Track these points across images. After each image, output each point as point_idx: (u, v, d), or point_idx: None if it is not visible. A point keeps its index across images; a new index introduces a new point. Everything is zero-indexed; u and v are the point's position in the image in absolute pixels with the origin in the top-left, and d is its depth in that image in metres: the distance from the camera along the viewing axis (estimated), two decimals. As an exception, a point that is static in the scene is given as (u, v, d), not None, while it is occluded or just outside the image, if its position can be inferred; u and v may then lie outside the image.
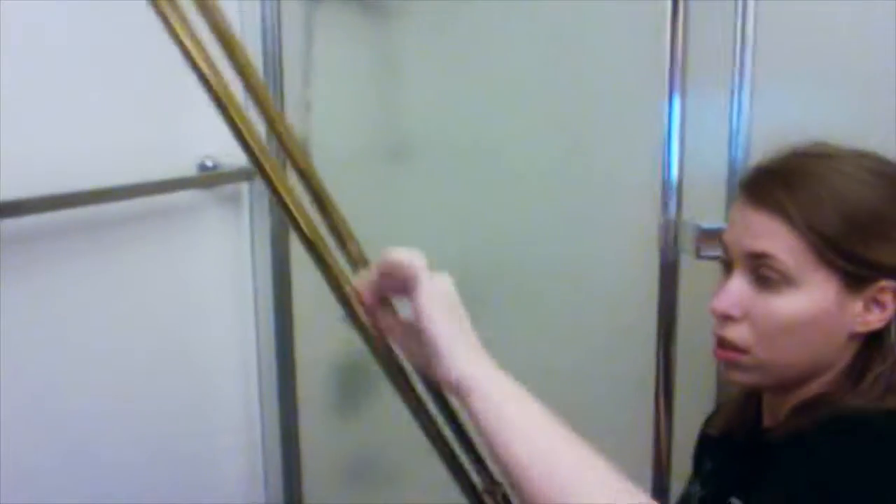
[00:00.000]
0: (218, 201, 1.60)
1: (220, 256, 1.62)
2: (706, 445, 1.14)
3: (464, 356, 0.76)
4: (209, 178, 1.55)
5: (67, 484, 1.30)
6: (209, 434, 1.62)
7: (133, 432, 1.41)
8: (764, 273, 0.91)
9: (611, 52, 1.43)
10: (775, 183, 0.92)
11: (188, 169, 1.51)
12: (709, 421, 1.15)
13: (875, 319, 0.91)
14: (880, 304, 0.91)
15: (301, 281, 1.65)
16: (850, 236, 0.88)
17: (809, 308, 0.90)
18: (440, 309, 0.77)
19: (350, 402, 1.79)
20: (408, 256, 0.78)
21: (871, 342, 0.92)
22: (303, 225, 0.80)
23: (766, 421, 1.02)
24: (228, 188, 1.61)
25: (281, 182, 0.80)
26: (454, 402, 0.85)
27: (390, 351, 0.86)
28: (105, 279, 1.34)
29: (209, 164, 1.52)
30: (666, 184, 1.28)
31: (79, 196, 1.24)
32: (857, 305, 0.90)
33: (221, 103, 0.76)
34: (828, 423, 0.87)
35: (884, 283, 0.90)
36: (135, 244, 1.40)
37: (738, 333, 0.93)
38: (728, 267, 0.96)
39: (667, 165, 1.28)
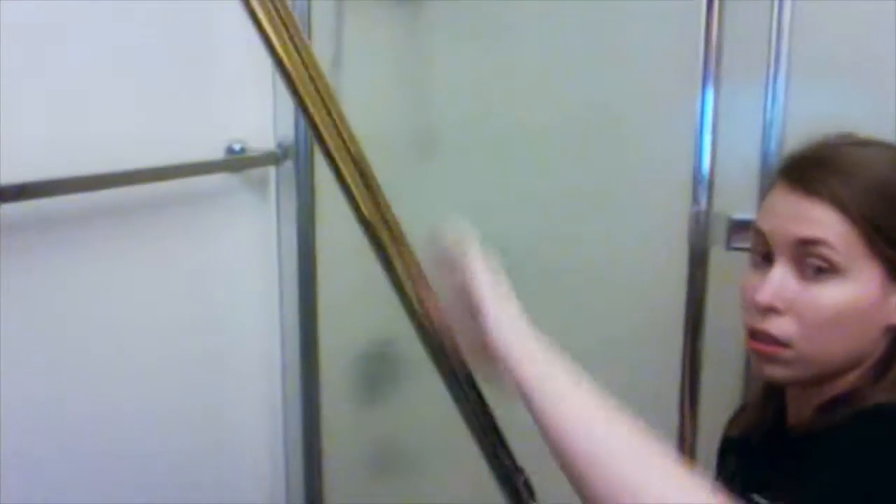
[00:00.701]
0: (245, 185, 1.60)
1: (247, 241, 1.62)
2: (728, 447, 1.13)
3: (510, 328, 0.82)
4: (237, 161, 1.55)
5: (79, 471, 1.30)
6: (231, 422, 1.62)
7: (154, 420, 1.41)
8: (812, 262, 0.88)
9: (645, 41, 1.41)
10: (824, 170, 0.90)
11: (216, 152, 1.51)
12: (731, 422, 1.14)
13: None
14: None
15: (326, 267, 1.65)
16: None
17: (857, 299, 0.88)
18: (490, 291, 0.83)
19: (373, 390, 1.79)
20: (457, 239, 0.85)
21: None
22: (362, 206, 0.84)
23: (791, 419, 1.00)
24: (256, 172, 1.61)
25: (345, 163, 0.82)
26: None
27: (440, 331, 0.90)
28: (131, 262, 1.35)
29: (237, 147, 1.52)
30: (697, 174, 1.28)
31: (107, 178, 1.24)
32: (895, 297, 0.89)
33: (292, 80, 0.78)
34: (856, 418, 0.86)
35: None
36: (162, 228, 1.40)
37: (780, 326, 0.91)
38: (765, 258, 0.94)
39: (698, 156, 1.27)
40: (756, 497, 0.91)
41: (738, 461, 1.09)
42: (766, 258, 0.94)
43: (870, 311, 0.89)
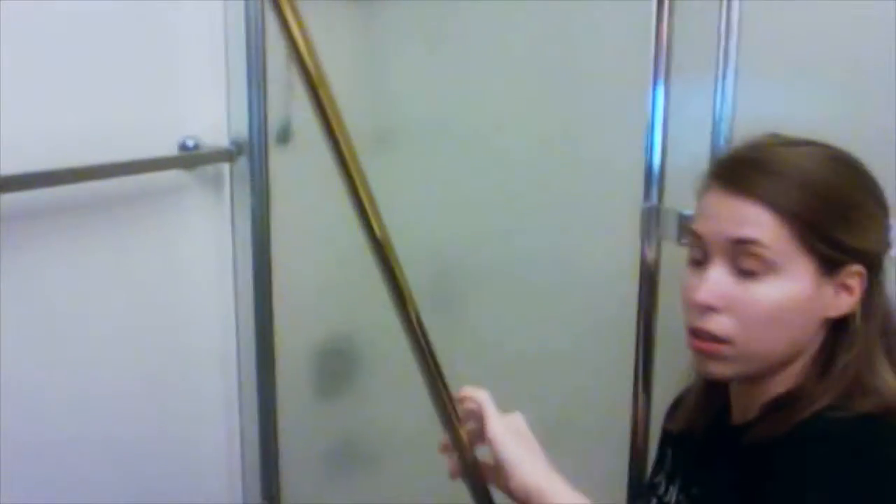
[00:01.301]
0: (199, 182, 1.59)
1: (201, 238, 1.61)
2: (667, 440, 1.15)
3: (531, 470, 0.89)
4: (190, 158, 1.54)
5: (46, 460, 1.29)
6: (188, 417, 1.61)
7: (112, 413, 1.41)
8: (745, 261, 0.91)
9: (597, 39, 1.43)
10: (755, 171, 0.92)
11: (169, 149, 1.50)
12: (669, 415, 1.16)
13: (845, 304, 0.92)
14: (848, 289, 0.92)
15: (281, 264, 1.65)
16: (830, 221, 0.90)
17: (792, 294, 0.90)
18: (508, 434, 0.91)
19: (330, 386, 1.79)
20: (475, 394, 0.95)
21: (838, 328, 0.94)
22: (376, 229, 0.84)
23: (736, 417, 1.01)
24: (210, 169, 1.60)
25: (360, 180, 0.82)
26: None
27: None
28: (84, 258, 1.33)
29: (190, 143, 1.51)
30: (649, 170, 1.29)
31: (57, 174, 1.23)
32: (830, 290, 0.92)
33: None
34: (805, 437, 0.87)
35: (854, 267, 0.91)
36: (115, 225, 1.39)
37: (719, 324, 0.92)
38: (703, 259, 0.95)
39: (650, 152, 1.28)
40: None
41: (677, 455, 1.11)
42: (703, 259, 0.95)
43: (806, 305, 0.91)
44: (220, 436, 1.71)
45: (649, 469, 1.34)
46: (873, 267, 0.93)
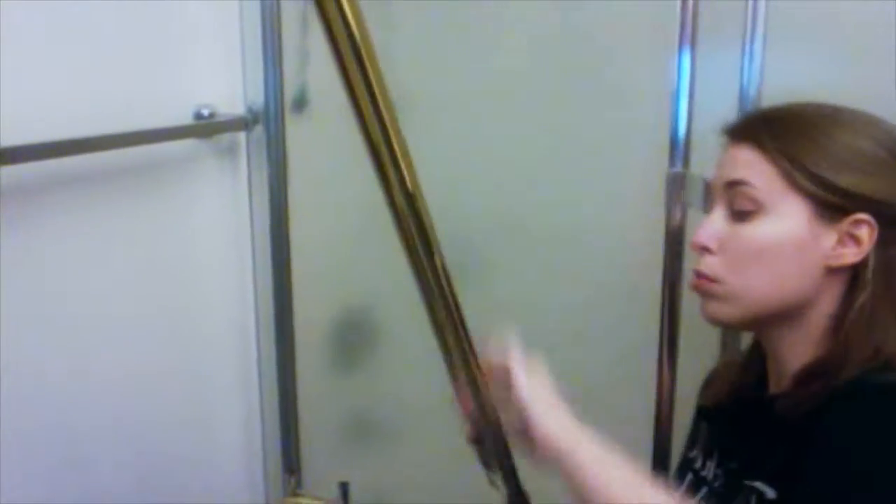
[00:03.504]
0: (215, 151, 1.57)
1: (218, 208, 1.59)
2: (703, 415, 1.14)
3: (554, 422, 0.88)
4: (206, 126, 1.52)
5: (59, 441, 1.29)
6: (207, 390, 1.61)
7: (128, 389, 1.40)
8: (738, 202, 0.93)
9: (622, 4, 1.40)
10: (753, 119, 0.99)
11: (184, 118, 1.48)
12: (704, 390, 1.15)
13: (850, 254, 0.91)
14: (855, 239, 0.90)
15: (300, 234, 1.63)
16: (819, 161, 0.90)
17: (779, 234, 0.91)
18: (534, 389, 0.90)
19: (349, 358, 1.78)
20: (504, 348, 0.93)
21: (851, 282, 0.92)
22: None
23: (772, 387, 1.01)
24: (225, 138, 1.58)
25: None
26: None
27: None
28: (98, 230, 1.32)
29: (205, 112, 1.49)
30: (674, 136, 1.27)
31: (71, 144, 1.21)
32: (832, 238, 0.91)
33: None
34: (841, 399, 0.85)
35: (860, 215, 0.90)
36: (130, 195, 1.38)
37: (709, 264, 0.96)
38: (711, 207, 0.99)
39: (675, 118, 1.27)
40: (758, 484, 0.92)
41: (712, 430, 1.10)
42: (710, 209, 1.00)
43: (796, 248, 0.91)
44: (239, 410, 1.70)
45: (673, 440, 1.34)
46: (890, 218, 0.90)
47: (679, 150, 1.28)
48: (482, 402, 0.93)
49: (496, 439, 0.96)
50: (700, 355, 1.33)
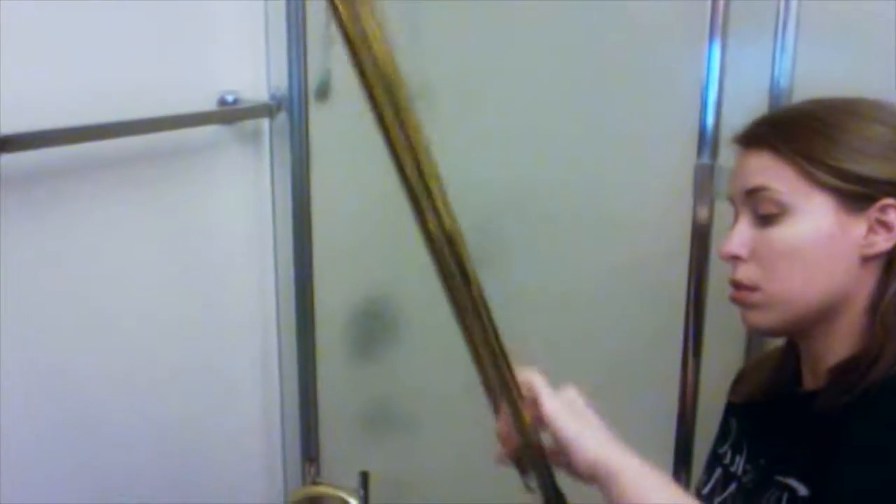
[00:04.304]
0: (239, 137, 1.56)
1: (241, 194, 1.59)
2: (732, 412, 1.13)
3: (595, 444, 0.84)
4: (229, 112, 1.52)
5: (81, 428, 1.29)
6: (227, 378, 1.61)
7: (148, 378, 1.40)
8: (762, 208, 0.93)
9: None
10: (763, 124, 0.98)
11: (208, 104, 1.48)
12: (733, 388, 1.14)
13: (882, 240, 0.90)
14: (885, 225, 0.90)
15: (322, 222, 1.63)
16: (836, 154, 0.90)
17: (809, 232, 0.91)
18: (565, 411, 0.86)
19: (369, 346, 1.77)
20: (527, 378, 0.88)
21: (887, 270, 0.91)
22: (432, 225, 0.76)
23: (808, 383, 0.99)
24: (249, 124, 1.57)
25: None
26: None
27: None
28: (121, 216, 1.32)
29: (230, 98, 1.49)
30: (703, 128, 1.26)
31: (97, 130, 1.21)
32: (861, 227, 0.90)
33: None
34: (877, 398, 0.84)
35: (886, 200, 0.89)
36: (154, 181, 1.38)
37: (745, 272, 0.95)
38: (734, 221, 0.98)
39: (704, 109, 1.25)
40: (791, 481, 0.91)
41: (742, 426, 1.09)
42: (735, 218, 0.99)
43: (828, 243, 0.90)
44: (259, 399, 1.70)
45: (697, 436, 1.32)
46: None
47: (707, 142, 1.26)
48: (523, 426, 0.90)
49: (536, 464, 0.94)
50: (725, 349, 1.32)
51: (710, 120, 1.25)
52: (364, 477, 1.46)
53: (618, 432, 0.87)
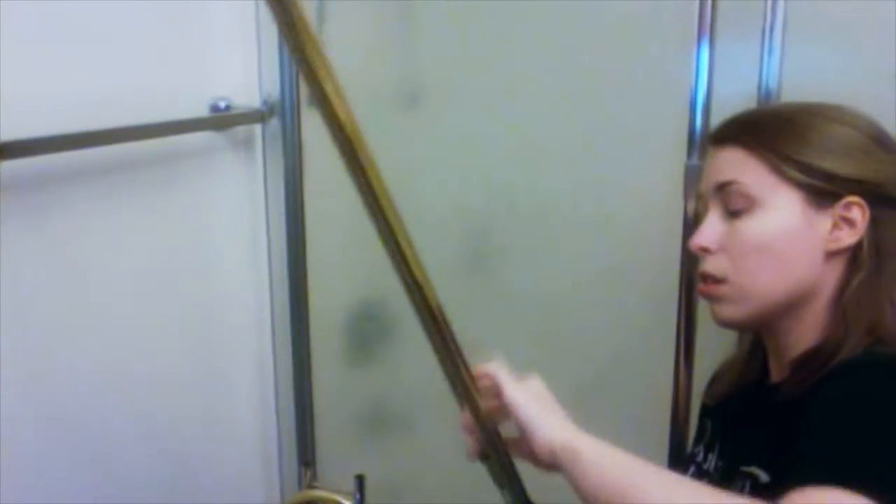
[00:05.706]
0: (231, 143, 1.57)
1: (234, 200, 1.59)
2: (705, 413, 1.16)
3: (556, 428, 0.86)
4: (222, 119, 1.52)
5: (79, 433, 1.29)
6: (222, 381, 1.61)
7: (144, 380, 1.40)
8: (731, 202, 0.96)
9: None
10: (734, 122, 1.00)
11: (200, 110, 1.48)
12: (707, 390, 1.17)
13: (845, 236, 0.93)
14: (849, 222, 0.93)
15: (315, 227, 1.63)
16: (804, 150, 0.93)
17: (777, 226, 0.93)
18: (525, 397, 0.89)
19: (364, 349, 1.78)
20: (490, 369, 0.91)
21: (850, 265, 0.94)
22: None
23: (774, 376, 1.02)
24: (241, 130, 1.58)
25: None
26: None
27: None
28: (115, 222, 1.32)
29: (221, 104, 1.49)
30: (692, 128, 1.27)
31: (89, 136, 1.21)
32: (827, 223, 0.93)
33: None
34: (830, 376, 0.87)
35: (850, 198, 0.92)
36: (145, 187, 1.38)
37: (713, 264, 0.98)
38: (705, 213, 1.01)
39: (693, 110, 1.27)
40: (753, 468, 0.93)
41: (715, 426, 1.11)
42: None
43: (796, 239, 0.93)
44: (255, 403, 1.71)
45: (690, 435, 1.33)
46: (879, 198, 0.92)
47: (697, 142, 1.27)
48: (478, 414, 0.93)
49: (497, 450, 0.96)
50: (718, 349, 1.33)
51: (699, 121, 1.26)
52: (360, 480, 1.46)
53: (611, 431, 0.87)
